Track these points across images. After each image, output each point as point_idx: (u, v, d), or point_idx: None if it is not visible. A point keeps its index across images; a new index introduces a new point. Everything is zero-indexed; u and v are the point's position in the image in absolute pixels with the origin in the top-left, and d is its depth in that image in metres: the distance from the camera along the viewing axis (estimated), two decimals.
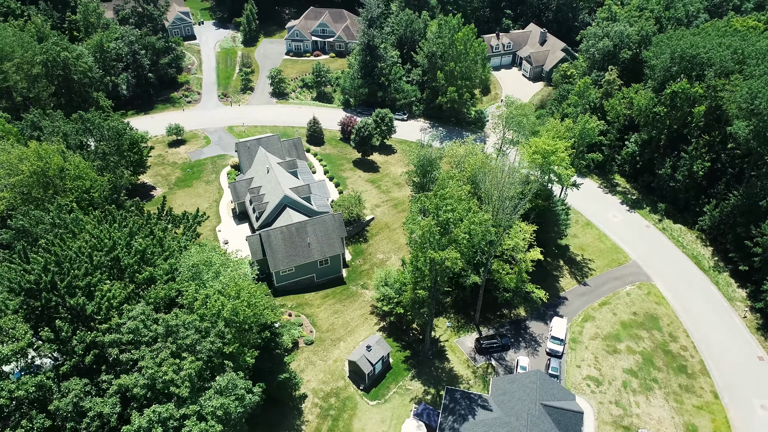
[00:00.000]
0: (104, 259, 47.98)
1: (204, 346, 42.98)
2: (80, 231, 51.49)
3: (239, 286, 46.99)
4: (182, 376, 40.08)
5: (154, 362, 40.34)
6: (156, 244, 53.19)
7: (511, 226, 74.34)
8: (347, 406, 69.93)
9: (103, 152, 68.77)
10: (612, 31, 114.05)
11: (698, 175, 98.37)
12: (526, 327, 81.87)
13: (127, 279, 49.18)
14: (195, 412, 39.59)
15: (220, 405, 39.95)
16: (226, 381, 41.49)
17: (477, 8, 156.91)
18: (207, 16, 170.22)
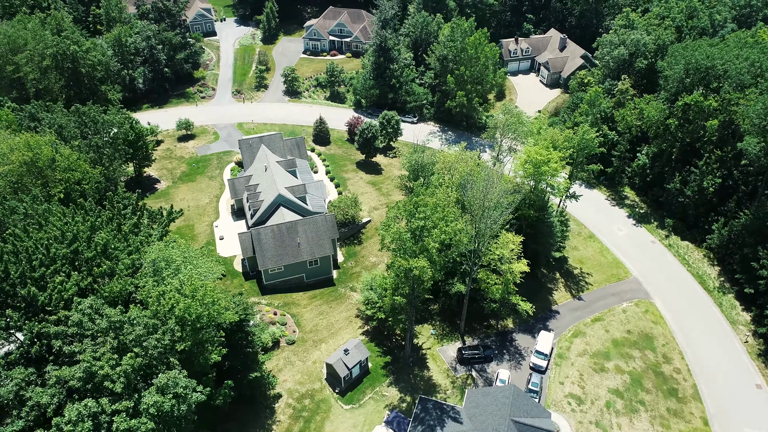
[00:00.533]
0: (64, 251, 49.10)
1: (150, 343, 43.49)
2: (46, 222, 52.85)
3: (195, 284, 47.35)
4: (118, 372, 40.63)
5: (93, 356, 41.03)
6: (121, 239, 54.14)
7: (498, 235, 73.02)
8: (321, 409, 69.85)
9: (96, 145, 70.40)
10: (628, 40, 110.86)
11: (708, 191, 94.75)
12: (512, 339, 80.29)
13: (85, 272, 50.17)
14: (126, 408, 40.09)
15: (153, 402, 40.32)
16: (166, 379, 41.85)
17: (497, 12, 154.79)
18: (230, 13, 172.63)
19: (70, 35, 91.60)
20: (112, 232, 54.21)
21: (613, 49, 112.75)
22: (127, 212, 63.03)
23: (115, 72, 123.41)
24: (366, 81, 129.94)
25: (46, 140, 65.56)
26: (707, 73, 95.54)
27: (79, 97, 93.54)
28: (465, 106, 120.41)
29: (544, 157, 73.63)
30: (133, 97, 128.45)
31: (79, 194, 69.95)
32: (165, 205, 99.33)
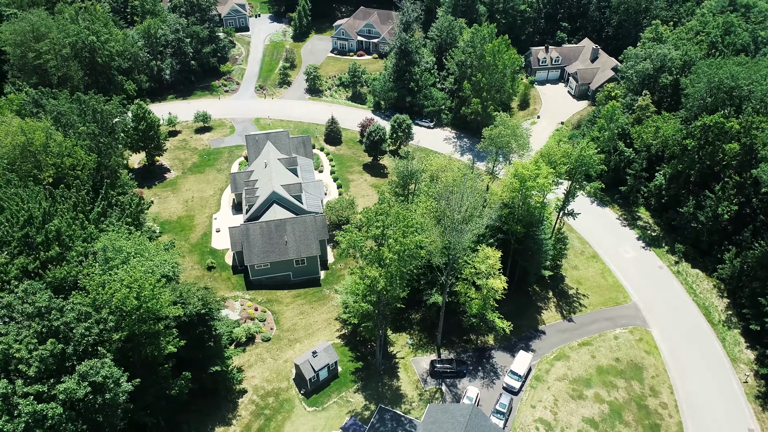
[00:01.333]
0: (16, 234, 51.31)
1: (78, 330, 44.78)
2: (7, 207, 55.37)
3: (135, 276, 48.29)
4: (34, 356, 42.02)
5: (15, 338, 42.61)
6: (78, 226, 55.95)
7: (476, 249, 71.31)
8: (284, 408, 70.14)
9: (93, 133, 73.24)
10: (654, 54, 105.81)
11: (723, 218, 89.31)
12: (490, 356, 78.19)
13: (32, 257, 52.20)
14: (37, 392, 41.38)
15: (64, 389, 41.43)
16: (87, 367, 42.95)
17: (529, 19, 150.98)
18: (265, 9, 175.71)
19: (91, 26, 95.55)
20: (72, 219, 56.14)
21: (637, 62, 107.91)
22: (123, 200, 65.37)
23: (144, 62, 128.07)
24: (385, 83, 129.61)
25: (40, 126, 68.69)
26: (731, 94, 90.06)
27: (97, 86, 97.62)
28: (480, 114, 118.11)
29: (531, 173, 71.17)
30: (160, 88, 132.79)
31: (74, 179, 72.90)
32: (172, 194, 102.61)
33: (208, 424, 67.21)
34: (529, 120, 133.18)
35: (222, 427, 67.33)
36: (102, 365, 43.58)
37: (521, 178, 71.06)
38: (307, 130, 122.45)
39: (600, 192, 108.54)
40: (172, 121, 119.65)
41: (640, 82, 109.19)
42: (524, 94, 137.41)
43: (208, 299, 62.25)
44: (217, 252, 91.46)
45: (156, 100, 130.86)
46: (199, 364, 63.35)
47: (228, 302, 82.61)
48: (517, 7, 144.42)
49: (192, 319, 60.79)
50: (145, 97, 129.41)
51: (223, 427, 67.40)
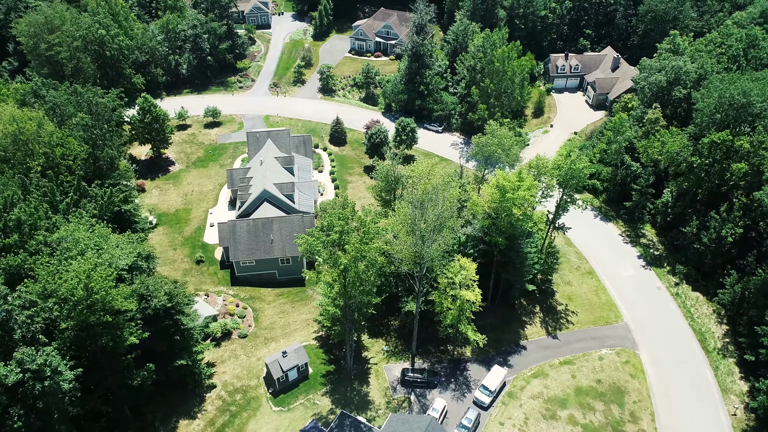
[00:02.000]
0: None
1: (20, 317, 46.08)
2: None
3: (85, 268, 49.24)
4: None
5: None
6: (42, 215, 57.54)
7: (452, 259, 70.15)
8: (250, 406, 70.60)
9: (86, 125, 75.41)
10: (668, 66, 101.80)
11: (727, 240, 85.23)
12: (465, 369, 76.79)
13: None
14: None
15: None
16: (22, 354, 44.11)
17: (551, 25, 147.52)
18: (289, 8, 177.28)
19: (102, 20, 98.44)
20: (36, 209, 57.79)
21: (651, 74, 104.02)
22: (97, 192, 67.09)
23: (162, 56, 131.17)
24: (396, 85, 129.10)
25: (32, 115, 71.17)
26: (742, 111, 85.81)
27: (106, 78, 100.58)
28: (486, 120, 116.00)
29: (512, 184, 69.42)
30: (176, 82, 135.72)
31: (65, 168, 75.26)
32: (173, 187, 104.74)
33: (173, 416, 68.29)
34: (542, 129, 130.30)
35: (186, 420, 68.29)
36: (38, 353, 44.75)
37: (502, 190, 69.41)
38: (314, 130, 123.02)
39: (605, 206, 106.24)
40: (182, 115, 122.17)
41: (653, 94, 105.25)
42: (539, 102, 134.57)
43: (176, 294, 63.13)
44: (208, 246, 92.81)
45: (172, 94, 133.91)
46: (165, 356, 64.33)
47: (211, 297, 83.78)
48: (537, 12, 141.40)
49: (158, 313, 61.77)
50: (162, 91, 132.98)
51: (187, 420, 68.35)
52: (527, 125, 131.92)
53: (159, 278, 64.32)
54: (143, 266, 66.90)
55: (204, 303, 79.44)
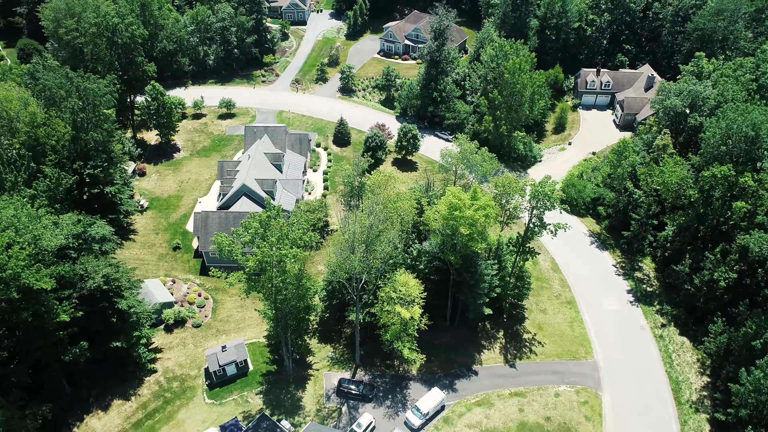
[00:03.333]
0: None
1: None
2: None
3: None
4: None
5: None
6: None
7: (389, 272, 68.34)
8: (185, 395, 71.90)
9: (73, 108, 79.36)
10: (686, 90, 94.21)
11: (719, 285, 77.94)
12: (406, 386, 74.57)
13: None
14: None
15: None
16: None
17: (587, 38, 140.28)
18: (330, 5, 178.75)
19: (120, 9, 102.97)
20: None
21: (668, 97, 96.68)
22: (51, 173, 70.43)
23: (191, 47, 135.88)
24: (411, 90, 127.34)
25: (16, 95, 75.70)
26: (750, 144, 78.09)
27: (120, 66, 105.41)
28: (491, 132, 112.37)
29: (462, 202, 66.45)
30: (203, 72, 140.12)
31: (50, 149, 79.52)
32: (172, 173, 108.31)
33: (108, 395, 70.66)
34: (559, 146, 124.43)
35: (120, 401, 70.46)
36: None
37: (451, 207, 66.64)
38: (321, 129, 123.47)
39: (605, 233, 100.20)
40: (198, 105, 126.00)
41: (670, 119, 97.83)
42: (561, 117, 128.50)
43: (115, 277, 65.14)
44: (188, 234, 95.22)
45: (197, 83, 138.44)
46: (101, 337, 66.60)
47: (177, 283, 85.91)
48: (570, 24, 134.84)
49: (93, 293, 63.99)
50: (188, 80, 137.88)
51: (121, 400, 70.51)
52: (545, 141, 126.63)
53: (102, 261, 66.51)
54: (95, 248, 69.43)
55: (164, 289, 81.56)
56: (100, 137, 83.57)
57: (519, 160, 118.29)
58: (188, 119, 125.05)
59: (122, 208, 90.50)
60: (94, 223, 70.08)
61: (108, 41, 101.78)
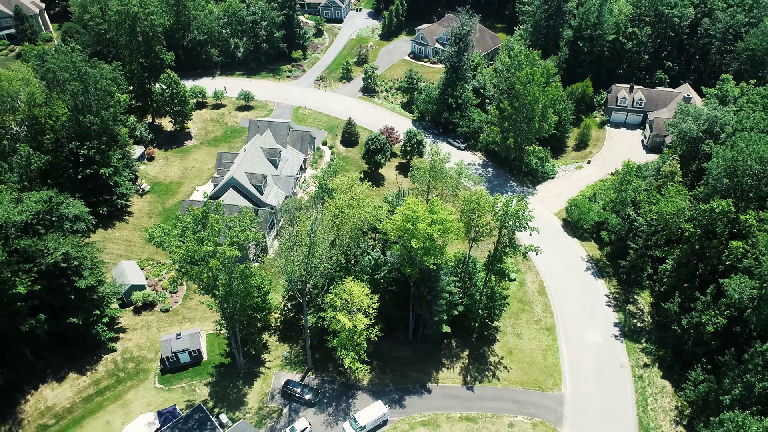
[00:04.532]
0: None
1: None
2: None
3: None
4: None
5: None
6: None
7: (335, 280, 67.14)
8: (137, 377, 73.72)
9: (73, 91, 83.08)
10: (703, 114, 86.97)
11: (706, 329, 71.52)
12: (353, 396, 73.04)
13: None
14: None
15: None
16: None
17: (625, 52, 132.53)
18: (369, 5, 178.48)
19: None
20: None
21: (684, 121, 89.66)
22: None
23: (222, 38, 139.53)
24: (429, 95, 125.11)
25: (18, 75, 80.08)
26: (757, 181, 71.01)
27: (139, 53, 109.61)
28: (497, 144, 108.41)
29: (418, 214, 64.06)
30: (231, 63, 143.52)
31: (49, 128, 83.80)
32: (178, 160, 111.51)
33: (65, 368, 73.54)
34: (577, 163, 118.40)
35: (76, 375, 73.17)
36: None
37: (405, 219, 64.50)
38: (334, 127, 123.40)
39: (605, 260, 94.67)
40: (219, 95, 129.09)
41: (686, 144, 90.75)
42: (584, 134, 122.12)
43: (75, 256, 67.58)
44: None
45: (225, 74, 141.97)
46: (59, 312, 69.34)
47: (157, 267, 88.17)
48: (605, 36, 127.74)
49: (52, 270, 66.68)
50: (217, 70, 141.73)
51: (77, 374, 73.20)
52: (564, 157, 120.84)
53: (68, 239, 69.06)
54: (66, 226, 72.38)
55: (139, 271, 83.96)
56: (98, 120, 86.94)
57: (530, 175, 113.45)
58: (207, 108, 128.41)
59: (118, 190, 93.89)
60: (63, 202, 72.80)
61: (129, 29, 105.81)
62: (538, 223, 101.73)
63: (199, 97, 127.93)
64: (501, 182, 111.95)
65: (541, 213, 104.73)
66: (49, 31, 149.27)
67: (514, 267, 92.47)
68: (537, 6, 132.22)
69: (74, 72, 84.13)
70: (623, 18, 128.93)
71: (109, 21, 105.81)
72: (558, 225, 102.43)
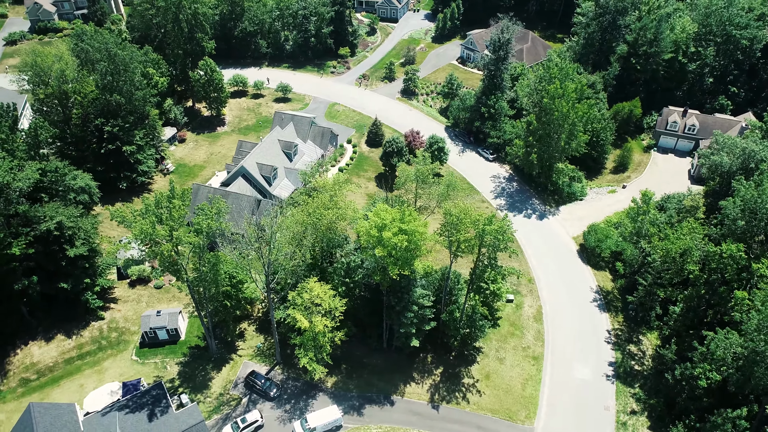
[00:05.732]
0: None
1: None
2: None
3: None
4: None
5: None
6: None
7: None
8: (117, 347, 77.16)
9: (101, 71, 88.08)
10: (738, 147, 78.91)
11: (698, 384, 65.02)
12: (314, 396, 72.57)
13: None
14: None
15: None
16: None
17: (686, 73, 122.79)
18: (429, 6, 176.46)
19: None
20: None
21: (717, 152, 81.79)
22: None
23: (273, 30, 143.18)
24: (463, 102, 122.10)
25: (53, 52, 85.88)
26: None
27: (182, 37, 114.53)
28: (519, 158, 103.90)
29: (382, 221, 62.32)
30: (279, 55, 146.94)
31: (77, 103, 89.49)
32: (206, 145, 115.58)
33: (54, 328, 78.21)
34: (610, 186, 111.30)
35: (63, 336, 77.63)
36: None
37: (372, 224, 63.09)
38: (363, 126, 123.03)
39: (616, 293, 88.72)
40: (259, 86, 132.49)
41: (719, 177, 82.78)
42: (624, 156, 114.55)
43: (69, 225, 71.65)
44: None
45: (273, 65, 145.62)
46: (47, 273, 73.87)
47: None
48: (662, 55, 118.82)
49: (47, 237, 71.11)
50: (265, 61, 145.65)
51: (63, 336, 77.65)
52: (599, 179, 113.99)
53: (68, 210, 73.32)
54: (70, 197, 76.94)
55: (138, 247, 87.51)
56: (123, 100, 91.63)
57: (555, 194, 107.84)
58: (247, 97, 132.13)
59: (139, 167, 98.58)
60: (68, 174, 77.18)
61: (173, 16, 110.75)
62: (553, 245, 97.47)
63: (240, 86, 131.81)
64: (522, 198, 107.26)
65: (558, 235, 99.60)
66: (120, 14, 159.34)
67: (512, 289, 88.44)
68: (591, 18, 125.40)
69: (105, 53, 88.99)
70: (684, 37, 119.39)
71: (157, 6, 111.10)
72: (573, 250, 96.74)
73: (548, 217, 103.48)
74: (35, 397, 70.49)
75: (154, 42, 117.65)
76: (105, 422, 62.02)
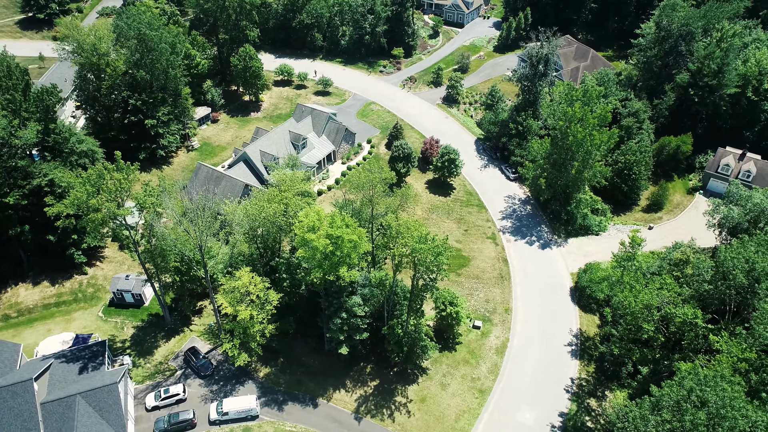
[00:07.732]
0: None
1: None
2: None
3: None
4: None
5: None
6: None
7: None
8: (90, 302, 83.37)
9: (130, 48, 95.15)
10: (751, 202, 68.72)
11: None
12: (243, 382, 73.68)
13: None
14: None
15: None
16: None
17: (758, 112, 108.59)
18: (500, 15, 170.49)
19: None
20: None
21: (726, 204, 71.84)
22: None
23: (333, 26, 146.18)
24: (497, 115, 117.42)
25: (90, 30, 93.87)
26: (743, 295, 54.81)
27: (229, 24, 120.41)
28: (527, 179, 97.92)
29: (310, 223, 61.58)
30: (334, 50, 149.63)
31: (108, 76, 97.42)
32: (235, 128, 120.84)
33: (43, 275, 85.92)
34: (636, 224, 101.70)
35: (47, 284, 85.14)
36: None
37: (305, 226, 62.69)
38: (386, 127, 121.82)
39: (597, 340, 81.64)
40: (303, 77, 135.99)
41: (728, 231, 72.79)
42: (660, 195, 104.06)
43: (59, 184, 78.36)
44: None
45: (327, 59, 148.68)
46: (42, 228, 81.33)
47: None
48: (725, 89, 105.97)
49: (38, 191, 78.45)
50: (321, 54, 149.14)
51: (47, 283, 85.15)
52: (627, 215, 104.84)
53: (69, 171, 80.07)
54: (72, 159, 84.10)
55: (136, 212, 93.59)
56: (149, 77, 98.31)
57: (568, 224, 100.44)
58: (290, 87, 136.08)
59: (161, 141, 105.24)
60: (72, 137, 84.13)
61: (221, 3, 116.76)
62: (545, 278, 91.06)
63: (285, 75, 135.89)
64: (531, 224, 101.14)
65: (555, 268, 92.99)
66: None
67: (483, 315, 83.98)
68: (651, 41, 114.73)
69: (136, 32, 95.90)
70: (757, 71, 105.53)
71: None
72: (567, 286, 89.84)
73: (552, 247, 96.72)
74: (8, 334, 78.17)
75: (205, 26, 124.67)
76: (39, 367, 67.34)
